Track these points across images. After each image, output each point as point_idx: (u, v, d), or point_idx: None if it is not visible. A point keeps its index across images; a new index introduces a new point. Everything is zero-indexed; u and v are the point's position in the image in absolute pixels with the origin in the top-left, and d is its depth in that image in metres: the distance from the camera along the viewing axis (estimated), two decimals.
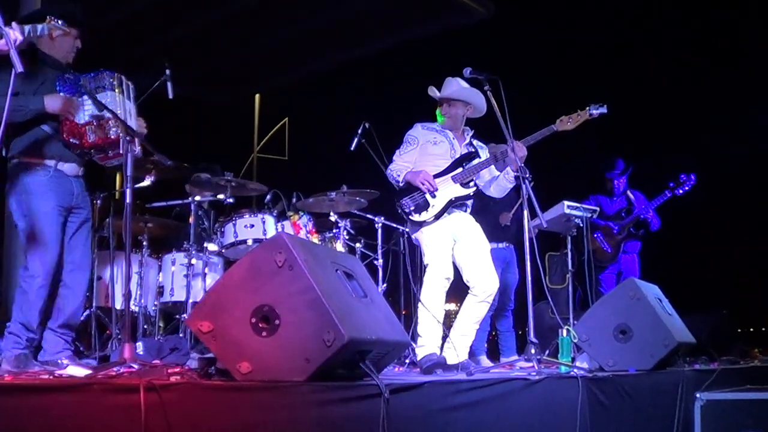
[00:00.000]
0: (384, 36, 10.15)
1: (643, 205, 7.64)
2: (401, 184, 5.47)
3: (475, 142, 5.71)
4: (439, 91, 5.68)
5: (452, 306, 6.96)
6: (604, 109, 5.25)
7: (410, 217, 5.40)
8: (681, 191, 7.42)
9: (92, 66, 4.67)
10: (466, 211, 5.55)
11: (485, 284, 5.35)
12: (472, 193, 5.51)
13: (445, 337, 5.36)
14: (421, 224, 5.38)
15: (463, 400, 3.53)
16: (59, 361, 4.32)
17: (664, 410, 4.72)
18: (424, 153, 5.54)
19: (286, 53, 10.75)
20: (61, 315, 4.54)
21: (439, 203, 5.37)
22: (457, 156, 5.54)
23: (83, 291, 4.72)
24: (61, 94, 4.38)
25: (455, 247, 5.42)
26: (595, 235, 7.52)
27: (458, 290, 5.55)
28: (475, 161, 5.52)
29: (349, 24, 9.89)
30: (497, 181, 5.60)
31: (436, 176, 5.42)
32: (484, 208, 7.17)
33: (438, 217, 5.35)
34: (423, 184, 5.34)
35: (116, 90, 4.46)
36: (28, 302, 4.35)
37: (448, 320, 5.90)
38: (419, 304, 5.29)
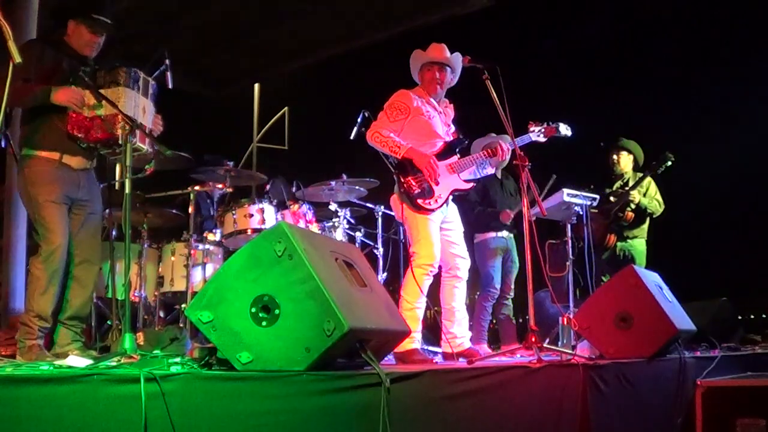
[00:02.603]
0: (383, 25, 10.12)
1: (644, 189, 7.53)
2: (398, 158, 5.22)
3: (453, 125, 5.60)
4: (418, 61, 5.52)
5: None
6: (569, 132, 5.44)
7: (416, 200, 5.19)
8: (661, 169, 7.33)
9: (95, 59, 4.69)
10: None
11: (461, 264, 5.34)
12: (470, 188, 5.43)
13: (439, 330, 5.36)
14: (422, 209, 5.20)
15: (464, 388, 3.53)
16: (69, 353, 4.34)
17: (665, 397, 4.72)
18: (414, 125, 5.31)
19: (286, 43, 10.72)
20: (69, 307, 4.58)
21: (443, 193, 5.24)
22: (447, 136, 5.43)
23: (92, 284, 4.75)
24: (73, 87, 4.39)
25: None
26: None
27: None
28: (467, 157, 5.41)
29: (348, 13, 9.86)
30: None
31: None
32: (484, 198, 7.18)
33: (441, 206, 5.23)
34: (428, 173, 5.15)
35: (130, 86, 4.47)
36: (41, 288, 4.37)
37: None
38: (402, 294, 5.19)
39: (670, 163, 7.30)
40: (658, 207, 7.54)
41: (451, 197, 5.37)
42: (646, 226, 7.63)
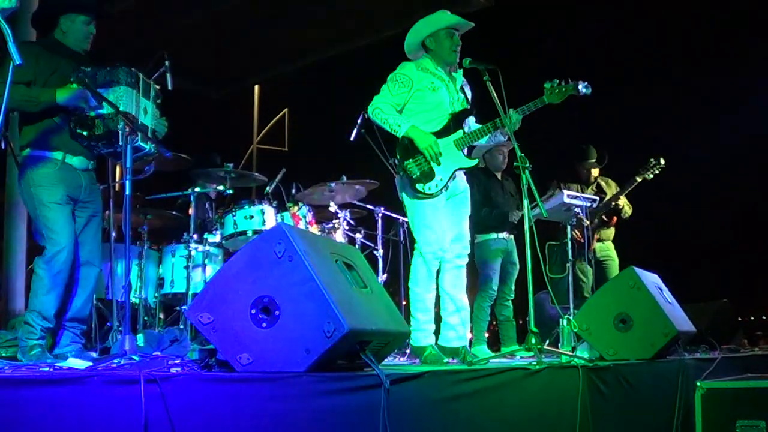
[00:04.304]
0: (383, 26, 10.13)
1: (613, 192, 7.53)
2: (399, 137, 4.93)
3: (467, 89, 5.28)
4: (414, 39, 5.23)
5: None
6: (589, 91, 4.98)
7: (416, 185, 4.91)
8: (651, 175, 7.31)
9: (93, 57, 4.69)
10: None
11: (459, 247, 5.08)
12: (476, 165, 5.11)
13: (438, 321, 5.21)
14: (422, 194, 4.93)
15: (464, 390, 3.53)
16: (67, 355, 4.34)
17: (665, 399, 4.72)
18: (418, 100, 5.01)
19: (286, 44, 10.74)
20: (69, 309, 4.57)
21: (445, 174, 4.92)
22: (454, 108, 5.09)
23: (92, 286, 4.73)
24: (74, 86, 4.39)
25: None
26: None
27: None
28: (475, 127, 5.08)
29: (348, 14, 9.87)
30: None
31: (437, 136, 4.96)
32: (487, 198, 7.18)
33: (443, 189, 4.95)
34: (429, 154, 4.85)
35: (131, 85, 4.47)
36: (45, 288, 4.37)
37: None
38: (410, 285, 5.00)
39: (659, 168, 7.26)
40: (628, 210, 7.56)
41: (457, 176, 5.06)
42: (613, 229, 7.67)
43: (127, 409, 2.58)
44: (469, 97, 5.28)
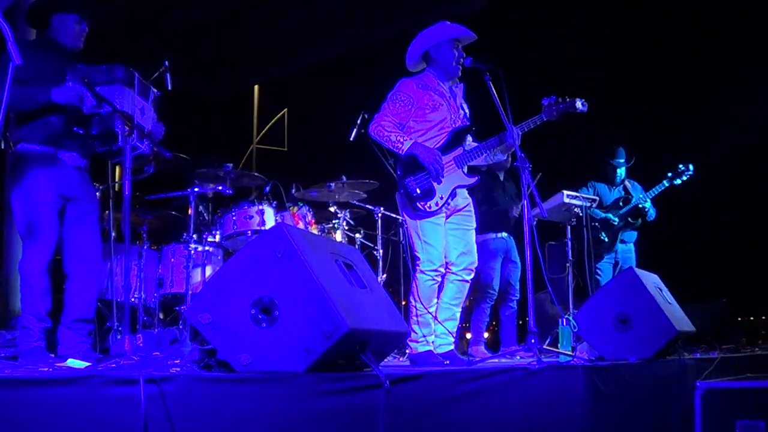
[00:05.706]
0: (383, 26, 10.13)
1: (640, 194, 7.54)
2: (402, 154, 4.90)
3: (465, 105, 5.25)
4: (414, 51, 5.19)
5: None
6: (585, 108, 5.00)
7: (417, 203, 4.89)
8: (679, 181, 7.34)
9: (92, 57, 4.68)
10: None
11: (467, 261, 5.04)
12: (474, 182, 5.05)
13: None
14: (422, 212, 4.92)
15: (464, 390, 3.52)
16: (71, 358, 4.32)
17: (664, 399, 4.72)
18: (419, 118, 5.00)
19: (285, 44, 10.73)
20: (72, 309, 4.52)
21: (445, 192, 4.89)
22: (455, 125, 5.06)
23: (91, 283, 4.64)
24: (70, 84, 4.38)
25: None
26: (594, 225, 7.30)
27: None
28: (472, 144, 5.07)
29: (347, 14, 9.87)
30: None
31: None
32: (487, 198, 7.18)
33: (444, 208, 4.93)
34: (433, 170, 4.84)
35: (127, 85, 4.47)
36: (32, 291, 4.35)
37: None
38: (411, 300, 4.99)
39: (686, 177, 7.28)
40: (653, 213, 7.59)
41: (457, 193, 5.01)
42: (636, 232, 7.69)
43: (126, 410, 2.58)
44: (468, 112, 5.26)
